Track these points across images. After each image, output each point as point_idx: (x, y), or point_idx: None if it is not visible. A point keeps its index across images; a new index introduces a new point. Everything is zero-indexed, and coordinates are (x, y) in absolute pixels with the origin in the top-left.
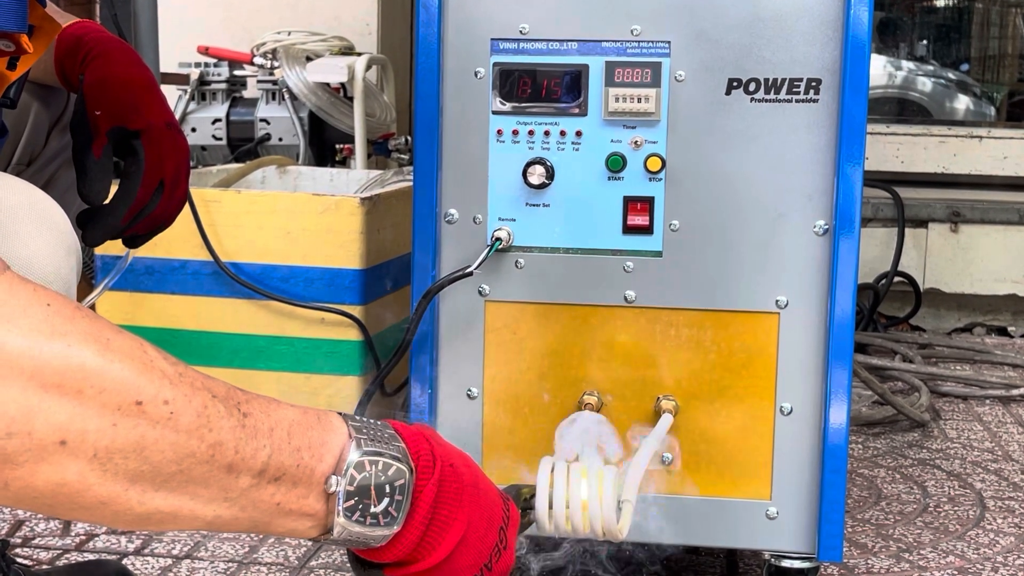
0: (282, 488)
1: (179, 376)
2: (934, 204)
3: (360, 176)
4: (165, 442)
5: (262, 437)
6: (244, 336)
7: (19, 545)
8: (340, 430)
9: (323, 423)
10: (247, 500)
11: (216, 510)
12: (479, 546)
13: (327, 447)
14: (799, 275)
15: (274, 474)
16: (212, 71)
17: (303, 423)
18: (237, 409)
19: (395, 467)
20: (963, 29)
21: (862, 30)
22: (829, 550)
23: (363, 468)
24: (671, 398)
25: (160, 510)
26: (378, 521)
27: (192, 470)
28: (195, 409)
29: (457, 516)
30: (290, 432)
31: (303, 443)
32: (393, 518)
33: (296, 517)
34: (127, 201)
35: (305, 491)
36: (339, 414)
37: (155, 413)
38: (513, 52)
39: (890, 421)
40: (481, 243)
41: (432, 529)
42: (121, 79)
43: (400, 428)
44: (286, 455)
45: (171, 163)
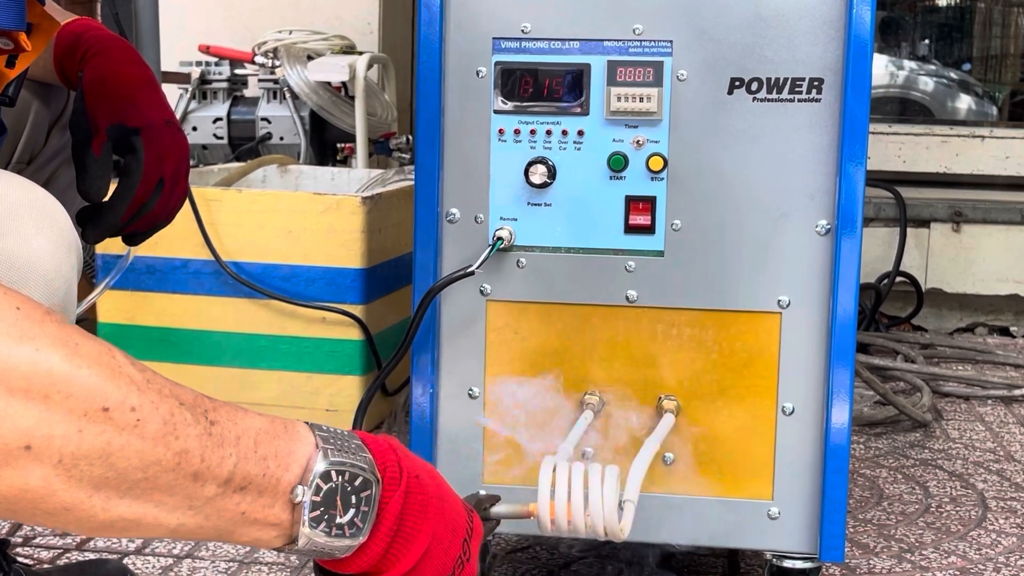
0: (248, 497)
1: (147, 383)
2: (936, 204)
3: (361, 175)
4: (131, 449)
5: (228, 446)
6: (245, 335)
7: (20, 544)
8: (307, 440)
9: (290, 432)
10: (212, 509)
11: (180, 518)
12: (443, 558)
13: (293, 456)
14: (801, 275)
15: (240, 483)
16: (213, 70)
17: (270, 432)
18: (204, 417)
19: (362, 478)
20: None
21: (864, 29)
22: (831, 550)
23: (329, 478)
24: (673, 398)
25: (124, 517)
26: (343, 532)
27: (158, 478)
28: (162, 416)
29: (422, 528)
30: (257, 441)
31: (270, 452)
32: (359, 529)
33: (261, 526)
34: (127, 198)
35: (271, 500)
36: (306, 424)
37: (122, 420)
38: (515, 51)
39: (892, 421)
40: (483, 242)
41: (397, 541)
42: (120, 76)
43: (367, 439)
44: (252, 464)
45: (171, 160)
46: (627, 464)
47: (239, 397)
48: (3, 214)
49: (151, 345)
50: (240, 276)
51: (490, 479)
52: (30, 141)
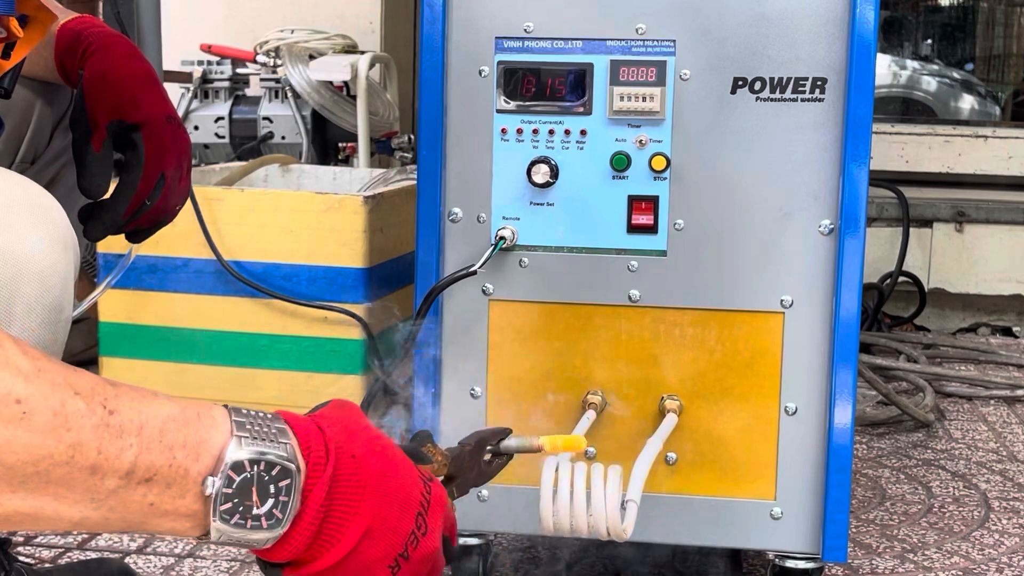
0: (154, 489)
1: (37, 372)
2: (939, 204)
3: (363, 175)
4: (18, 443)
5: (129, 436)
6: (246, 335)
7: (21, 544)
8: (222, 427)
9: (203, 419)
10: (116, 501)
11: (83, 511)
12: (390, 537)
13: (204, 445)
14: (804, 275)
15: (144, 475)
16: (215, 69)
17: (180, 419)
18: (102, 407)
19: (279, 467)
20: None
21: (868, 29)
22: (833, 550)
23: (243, 468)
24: (675, 398)
25: (19, 511)
26: (261, 523)
27: (51, 471)
28: (51, 407)
29: (358, 510)
30: (163, 429)
31: (177, 441)
32: (278, 520)
33: (174, 518)
34: (128, 195)
35: (180, 491)
36: (225, 407)
37: (6, 412)
38: (517, 51)
39: (894, 421)
40: (485, 242)
41: (328, 526)
42: (120, 73)
43: (293, 421)
44: (156, 454)
45: (172, 156)
46: (630, 464)
47: (240, 396)
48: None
49: (152, 344)
50: (242, 275)
51: (494, 481)
52: (34, 141)
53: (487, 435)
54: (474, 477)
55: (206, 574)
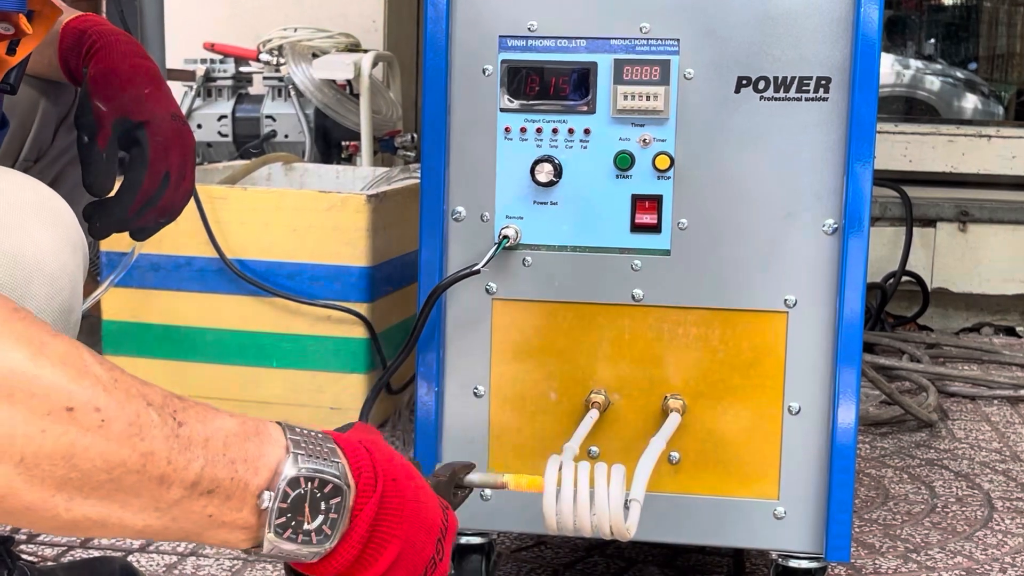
0: (215, 500)
1: (114, 382)
2: (942, 203)
3: (366, 173)
4: (95, 450)
5: (196, 448)
6: (249, 333)
7: (24, 542)
8: (278, 443)
9: (261, 435)
10: (178, 511)
11: (146, 520)
12: (415, 560)
13: (263, 460)
14: (808, 274)
15: (207, 486)
16: (218, 67)
17: (240, 434)
18: (172, 418)
19: (332, 484)
20: (971, 28)
21: (872, 29)
22: (837, 550)
23: (297, 484)
24: (679, 397)
25: (88, 517)
26: (310, 539)
27: (122, 479)
28: (128, 417)
29: (396, 533)
30: (226, 443)
31: (238, 455)
32: (327, 536)
33: (229, 529)
34: (133, 193)
35: (238, 504)
36: (279, 425)
37: (86, 420)
38: (521, 49)
39: (898, 421)
40: (488, 241)
41: (370, 547)
42: (125, 71)
43: (342, 441)
44: (220, 467)
45: (176, 154)
46: (633, 463)
47: (243, 395)
48: (8, 212)
49: (155, 343)
50: (245, 274)
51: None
52: (37, 139)
53: (457, 468)
54: None
55: (208, 572)
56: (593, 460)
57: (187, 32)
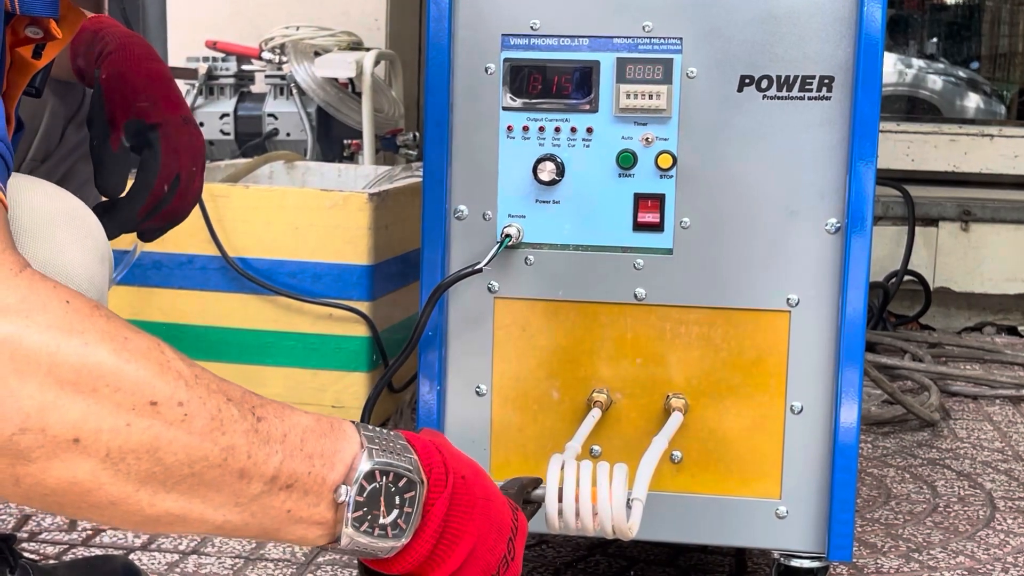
0: (293, 495)
1: (195, 378)
2: (945, 203)
3: (368, 172)
4: (178, 444)
5: (275, 443)
6: (251, 332)
7: (26, 540)
8: (353, 439)
9: (336, 431)
10: (258, 506)
11: (226, 515)
12: (488, 558)
13: (339, 456)
14: (810, 273)
15: (286, 481)
16: (220, 66)
17: (316, 430)
18: (251, 413)
19: (406, 479)
20: (973, 27)
21: (875, 28)
22: (839, 549)
23: (373, 479)
24: (681, 396)
25: (170, 512)
26: (386, 533)
27: (204, 473)
28: (209, 412)
29: (468, 529)
30: (303, 439)
31: (315, 451)
32: (402, 530)
33: (306, 525)
34: (143, 194)
35: (316, 499)
36: (352, 423)
37: (169, 414)
38: (524, 48)
39: (899, 420)
40: (491, 240)
41: (443, 542)
42: (138, 73)
43: (412, 439)
44: (298, 462)
45: (187, 157)
46: (635, 462)
47: None
48: (39, 223)
49: None
50: (247, 272)
51: (497, 477)
52: (45, 138)
53: (525, 482)
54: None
55: (210, 571)
56: (595, 459)
57: (189, 30)
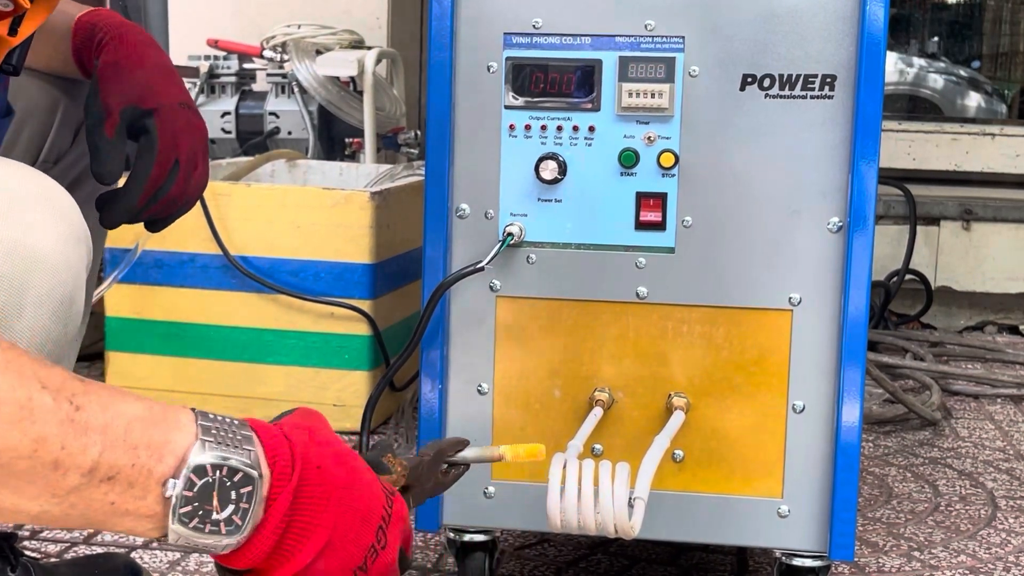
0: (116, 488)
1: (6, 364)
2: (946, 202)
3: (370, 170)
4: None
5: (93, 433)
6: (253, 330)
7: (27, 538)
8: (187, 430)
9: (169, 421)
10: (77, 498)
11: (42, 506)
12: (350, 549)
13: (169, 447)
14: (812, 272)
15: (106, 473)
16: (221, 64)
17: (146, 419)
18: (69, 402)
19: (242, 473)
20: (974, 26)
21: (878, 27)
22: (841, 548)
23: (205, 473)
24: (683, 395)
25: None
26: (219, 529)
27: (13, 464)
28: (18, 400)
29: (320, 522)
30: (128, 429)
31: (141, 441)
32: (237, 527)
33: (134, 518)
34: (141, 181)
35: (142, 492)
36: (193, 411)
37: None
38: (526, 47)
39: (901, 419)
40: (492, 238)
41: (289, 537)
42: (134, 59)
43: (260, 429)
44: (120, 453)
45: (186, 141)
46: (637, 461)
47: (246, 391)
48: (10, 204)
49: (159, 339)
50: (248, 271)
51: (499, 475)
52: (57, 141)
53: (445, 446)
54: (431, 487)
55: (211, 569)
56: (597, 458)
57: (190, 29)
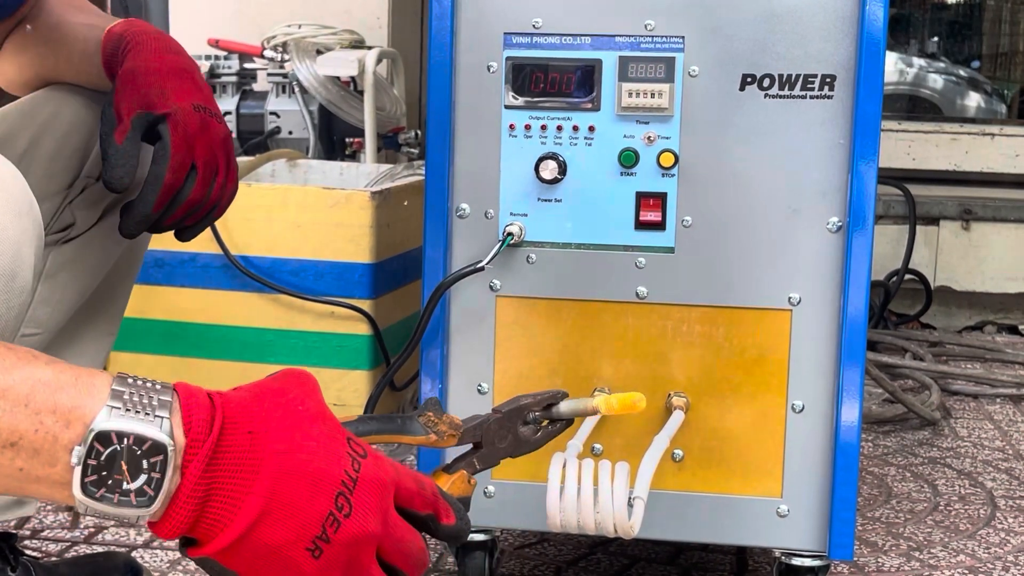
0: (22, 455)
1: None
2: (946, 201)
3: (370, 170)
4: None
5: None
6: (253, 329)
7: (28, 537)
8: (100, 395)
9: (80, 385)
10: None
11: None
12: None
13: (77, 412)
14: (812, 272)
15: (8, 438)
16: (222, 64)
17: (52, 384)
18: None
19: (151, 442)
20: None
21: (877, 27)
22: (840, 548)
23: (110, 441)
24: (682, 395)
25: None
26: (130, 499)
27: None
28: None
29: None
30: (31, 394)
31: (45, 406)
32: (150, 497)
33: (48, 485)
34: (156, 187)
35: (49, 459)
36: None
37: None
38: (526, 46)
39: (900, 419)
40: (493, 238)
41: (213, 505)
42: (150, 66)
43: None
44: (21, 418)
45: (202, 145)
46: (636, 461)
47: None
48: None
49: (159, 339)
50: (249, 270)
51: (498, 475)
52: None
53: (530, 402)
54: (508, 446)
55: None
56: (596, 457)
57: (191, 29)
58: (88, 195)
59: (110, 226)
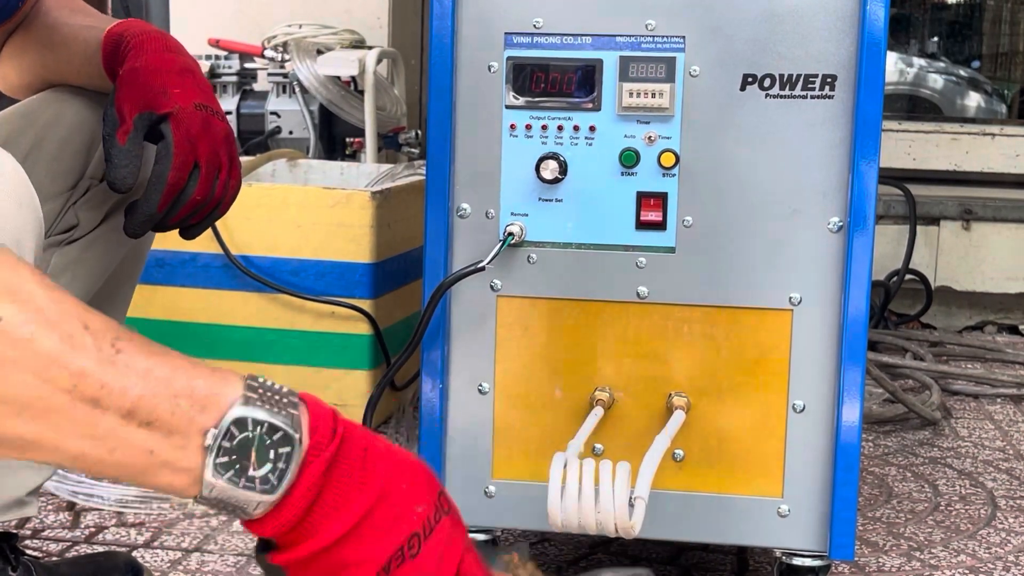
0: (155, 435)
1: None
2: (946, 201)
3: (370, 170)
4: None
5: (134, 376)
6: (254, 329)
7: (28, 537)
8: (234, 385)
9: (217, 375)
10: (115, 441)
11: (81, 447)
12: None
13: (212, 399)
14: (813, 272)
15: (145, 417)
16: (222, 64)
17: (190, 371)
18: (111, 345)
19: (282, 433)
20: (974, 26)
21: (878, 27)
22: (841, 548)
23: (245, 427)
24: (683, 395)
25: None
26: (254, 485)
27: (52, 398)
28: (60, 335)
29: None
30: (171, 377)
31: (183, 390)
32: (273, 485)
33: (172, 471)
34: (159, 186)
35: (181, 442)
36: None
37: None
38: (527, 46)
39: (901, 419)
40: (493, 238)
41: (317, 510)
42: (151, 66)
43: (310, 402)
44: (161, 399)
45: (205, 144)
46: (637, 461)
47: None
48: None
49: (160, 339)
50: (249, 270)
51: (499, 475)
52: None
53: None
54: None
55: (213, 568)
56: (597, 457)
57: (191, 28)
58: (92, 196)
59: (114, 227)
